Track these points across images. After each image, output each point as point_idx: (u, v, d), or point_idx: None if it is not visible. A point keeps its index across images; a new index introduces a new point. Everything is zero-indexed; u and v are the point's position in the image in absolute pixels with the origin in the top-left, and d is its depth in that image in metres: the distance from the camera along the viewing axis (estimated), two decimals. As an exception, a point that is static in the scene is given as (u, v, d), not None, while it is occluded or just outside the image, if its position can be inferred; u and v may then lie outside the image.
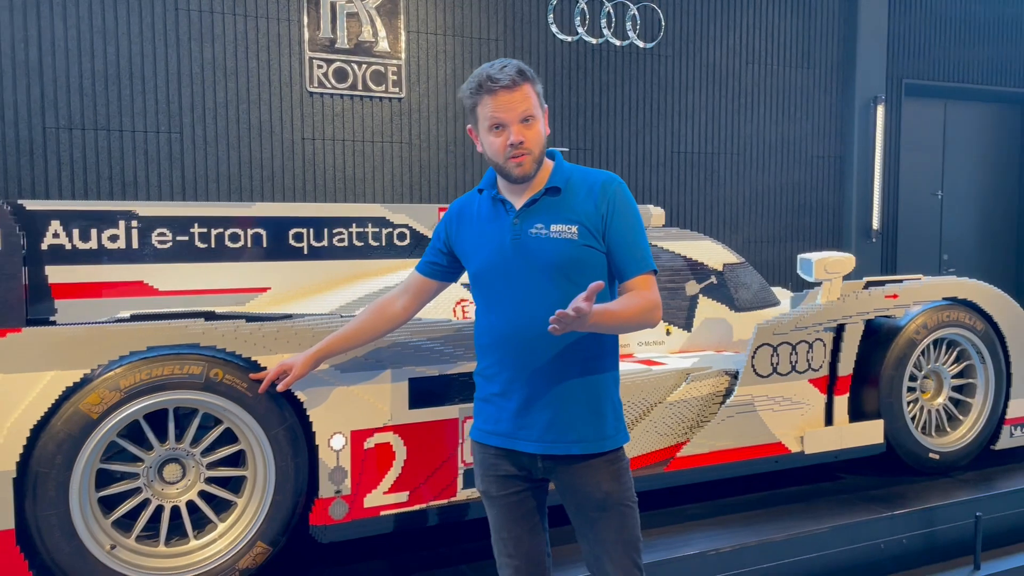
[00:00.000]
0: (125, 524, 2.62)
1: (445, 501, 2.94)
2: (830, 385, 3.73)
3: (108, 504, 2.59)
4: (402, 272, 3.87)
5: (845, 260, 3.70)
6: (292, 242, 3.75)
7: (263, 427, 2.63)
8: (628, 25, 6.18)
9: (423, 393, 2.86)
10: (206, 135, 5.00)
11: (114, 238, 3.46)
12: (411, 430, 2.86)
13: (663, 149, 6.37)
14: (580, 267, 2.14)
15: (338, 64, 5.27)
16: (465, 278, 2.49)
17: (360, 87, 5.32)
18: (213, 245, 3.61)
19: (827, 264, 3.66)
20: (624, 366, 3.33)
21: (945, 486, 3.81)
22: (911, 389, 3.91)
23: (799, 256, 3.81)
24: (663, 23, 6.32)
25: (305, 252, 3.78)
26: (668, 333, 4.08)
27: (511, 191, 2.21)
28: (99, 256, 3.43)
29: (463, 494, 2.96)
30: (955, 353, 4.03)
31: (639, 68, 6.25)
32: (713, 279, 4.20)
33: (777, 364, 3.56)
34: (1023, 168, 9.03)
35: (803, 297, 3.91)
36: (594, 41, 6.07)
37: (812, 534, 3.29)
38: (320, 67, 5.23)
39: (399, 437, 2.84)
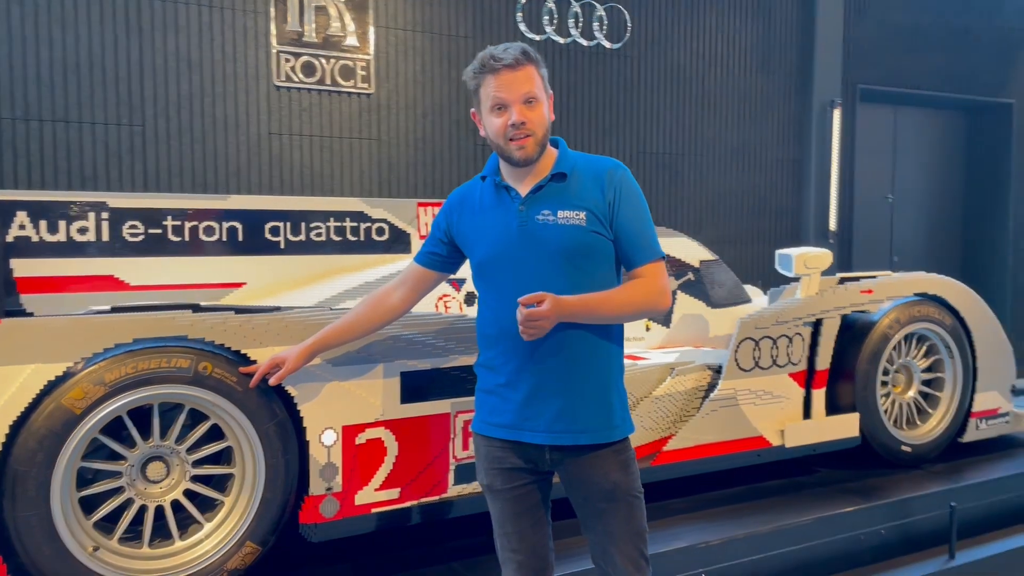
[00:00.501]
0: (106, 526, 2.51)
1: (436, 498, 2.88)
2: (808, 379, 3.78)
3: (86, 505, 2.47)
4: (381, 268, 3.81)
5: (823, 255, 3.75)
6: (268, 236, 3.66)
7: (253, 423, 2.54)
8: (595, 25, 6.20)
9: (415, 388, 2.81)
10: (169, 128, 4.86)
11: (83, 230, 3.33)
12: (403, 425, 2.80)
13: (629, 149, 6.41)
14: (588, 254, 2.12)
15: (306, 58, 5.17)
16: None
17: (328, 82, 5.23)
18: (187, 238, 3.50)
19: (807, 259, 3.71)
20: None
21: (917, 478, 3.89)
22: (883, 383, 3.97)
23: (778, 252, 3.85)
24: (629, 25, 6.36)
25: (282, 246, 3.69)
26: (647, 329, 4.09)
27: (515, 177, 2.18)
28: (68, 249, 3.29)
29: (454, 490, 2.91)
30: (925, 348, 4.12)
31: (606, 68, 6.28)
32: (691, 275, 4.23)
33: (759, 358, 3.59)
34: (967, 173, 9.33)
35: (780, 292, 3.95)
36: (562, 41, 6.07)
37: (796, 526, 3.31)
38: (288, 61, 5.12)
39: (391, 432, 2.78)
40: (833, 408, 3.86)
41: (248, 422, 2.54)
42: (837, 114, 7.33)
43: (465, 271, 2.38)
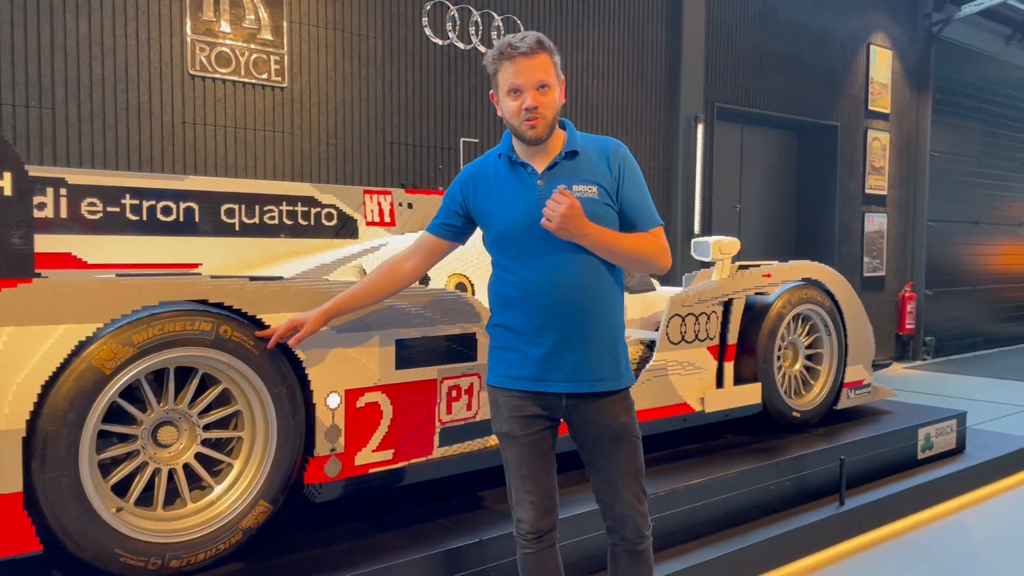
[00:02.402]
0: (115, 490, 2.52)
1: (424, 459, 3.07)
2: (721, 352, 4.24)
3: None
4: (331, 252, 3.92)
5: (733, 243, 4.24)
6: (224, 218, 3.70)
7: (267, 385, 2.64)
8: (494, 34, 6.53)
9: (408, 354, 2.98)
10: (80, 113, 4.69)
11: (41, 206, 3.25)
12: (397, 390, 2.97)
13: (522, 153, 6.73)
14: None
15: (220, 49, 5.15)
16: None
17: (243, 73, 5.23)
18: (145, 217, 3.49)
19: (721, 245, 4.18)
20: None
21: (807, 439, 4.45)
22: (776, 357, 4.51)
23: (694, 240, 4.31)
24: (523, 35, 6.73)
25: (237, 228, 3.73)
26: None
27: (529, 155, 2.44)
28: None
29: (438, 452, 3.10)
30: (808, 327, 4.72)
31: (502, 75, 6.60)
32: (611, 263, 4.60)
33: (684, 332, 4.01)
34: (799, 185, 10.44)
35: (693, 276, 4.41)
36: (463, 46, 6.35)
37: (724, 478, 3.75)
38: (203, 50, 5.08)
39: (386, 397, 2.94)
40: (739, 379, 4.35)
41: (263, 384, 2.63)
42: (700, 128, 8.05)
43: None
